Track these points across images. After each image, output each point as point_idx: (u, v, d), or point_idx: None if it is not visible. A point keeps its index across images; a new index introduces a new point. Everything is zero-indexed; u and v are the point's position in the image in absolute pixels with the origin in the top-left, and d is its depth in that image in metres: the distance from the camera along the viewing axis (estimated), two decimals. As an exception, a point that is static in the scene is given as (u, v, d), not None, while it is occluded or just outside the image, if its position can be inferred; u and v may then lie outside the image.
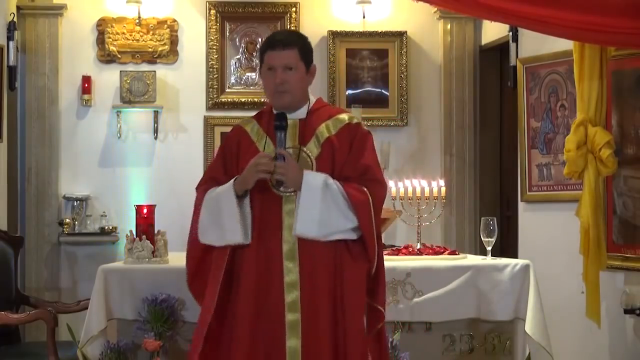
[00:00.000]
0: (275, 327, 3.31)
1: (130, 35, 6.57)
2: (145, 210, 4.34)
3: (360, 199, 3.34)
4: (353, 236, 3.38)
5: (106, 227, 6.40)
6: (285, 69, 3.40)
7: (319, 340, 3.31)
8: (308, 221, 3.30)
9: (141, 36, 6.58)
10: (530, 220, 5.82)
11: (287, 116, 3.41)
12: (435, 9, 6.51)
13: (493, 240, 4.53)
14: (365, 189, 3.37)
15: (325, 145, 3.42)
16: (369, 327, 3.46)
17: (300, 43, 3.46)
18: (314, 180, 3.32)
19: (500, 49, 6.55)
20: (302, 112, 3.48)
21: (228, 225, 3.37)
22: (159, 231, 4.34)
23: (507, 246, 6.27)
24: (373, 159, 3.47)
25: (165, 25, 6.61)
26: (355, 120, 3.52)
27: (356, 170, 3.40)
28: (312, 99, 3.55)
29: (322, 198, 3.30)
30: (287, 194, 3.37)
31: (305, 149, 3.42)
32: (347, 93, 6.69)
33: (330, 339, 3.32)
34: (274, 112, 3.47)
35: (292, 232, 3.33)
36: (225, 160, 3.56)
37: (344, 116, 3.51)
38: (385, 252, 4.52)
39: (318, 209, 3.29)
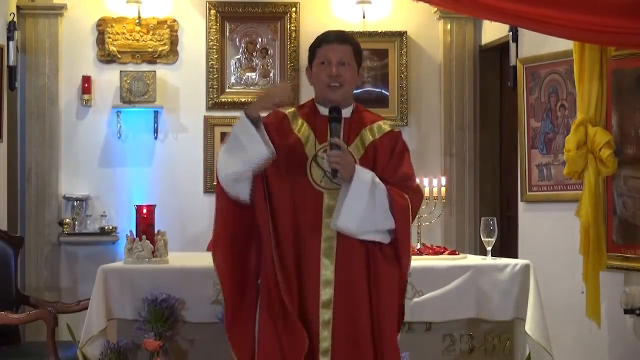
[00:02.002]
0: (310, 324, 3.31)
1: (130, 35, 6.57)
2: (145, 210, 4.33)
3: (402, 203, 3.37)
4: (386, 239, 3.39)
5: (106, 227, 6.40)
6: (340, 64, 3.41)
7: (351, 339, 3.31)
8: (352, 215, 3.29)
9: (141, 36, 6.58)
10: (530, 220, 5.82)
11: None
12: (435, 9, 6.51)
13: (493, 240, 4.53)
14: (406, 196, 3.40)
15: (368, 148, 3.44)
16: (398, 326, 3.51)
17: (354, 43, 3.48)
18: (365, 175, 3.33)
19: (500, 49, 6.55)
20: (347, 112, 3.47)
21: (249, 146, 3.31)
22: (159, 231, 4.34)
23: (507, 246, 6.26)
24: (412, 169, 3.53)
25: (165, 25, 6.61)
26: (397, 129, 3.57)
27: (395, 176, 3.43)
28: (353, 103, 3.56)
29: (369, 194, 3.30)
30: (331, 190, 3.35)
31: (349, 149, 3.42)
32: (347, 93, 6.68)
33: (365, 339, 3.33)
34: (323, 107, 3.43)
35: (331, 227, 3.31)
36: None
37: (385, 124, 3.55)
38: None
39: (364, 205, 3.29)
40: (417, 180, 3.66)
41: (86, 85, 6.47)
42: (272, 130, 3.41)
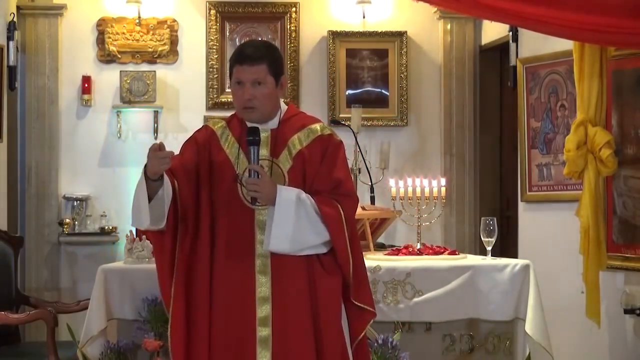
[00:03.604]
0: (247, 342, 3.28)
1: (130, 35, 6.57)
2: (145, 210, 4.32)
3: (331, 214, 3.30)
4: (323, 250, 3.34)
5: (106, 227, 6.40)
6: (254, 84, 3.33)
7: (291, 355, 3.28)
8: (281, 237, 3.25)
9: (141, 36, 6.58)
10: (530, 220, 5.82)
11: (259, 127, 3.34)
12: (435, 9, 6.51)
13: (493, 240, 4.52)
14: (337, 203, 3.33)
15: (297, 158, 3.36)
16: (358, 329, 3.45)
17: (269, 56, 3.36)
18: (288, 195, 3.26)
19: (500, 49, 6.55)
20: (274, 122, 3.41)
21: (143, 207, 3.34)
22: (159, 231, 4.33)
23: (507, 246, 6.27)
24: (344, 172, 3.42)
25: (165, 25, 6.61)
26: (327, 131, 3.45)
27: (328, 184, 3.35)
28: (284, 107, 3.48)
29: (295, 213, 3.25)
30: (260, 208, 3.32)
31: (277, 162, 3.36)
32: (347, 93, 6.69)
33: (305, 353, 3.29)
34: (247, 124, 3.39)
35: (263, 250, 3.29)
36: (192, 153, 3.46)
37: (316, 126, 3.44)
38: (385, 252, 4.56)
39: (291, 225, 3.24)
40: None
41: (86, 85, 6.47)
42: (201, 147, 3.43)
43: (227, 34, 6.69)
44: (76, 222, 6.40)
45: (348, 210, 3.37)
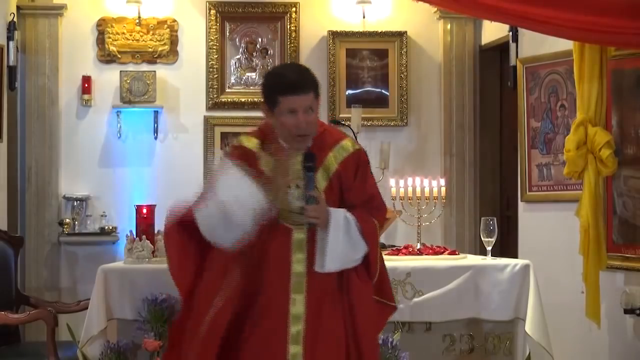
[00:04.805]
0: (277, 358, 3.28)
1: (130, 35, 6.57)
2: (145, 210, 4.34)
3: (370, 230, 3.39)
4: (359, 262, 3.40)
5: (106, 227, 6.40)
6: (307, 110, 3.35)
7: None
8: (334, 258, 3.31)
9: (141, 36, 6.58)
10: (530, 220, 5.82)
11: (297, 153, 3.36)
12: (435, 9, 6.51)
13: (493, 240, 4.53)
14: (372, 218, 3.42)
15: (333, 176, 3.41)
16: (379, 324, 3.54)
17: (314, 82, 3.40)
18: (338, 218, 3.33)
19: (500, 49, 6.55)
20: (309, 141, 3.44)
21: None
22: (158, 231, 4.34)
23: (507, 246, 6.26)
24: (375, 186, 3.52)
25: (165, 25, 6.61)
26: (356, 147, 3.52)
27: (361, 198, 3.43)
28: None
29: (344, 234, 3.32)
30: (299, 225, 3.33)
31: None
32: (347, 93, 6.69)
33: None
34: (290, 147, 3.38)
35: (304, 265, 3.31)
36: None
37: (347, 143, 3.48)
38: (385, 252, 4.55)
39: (342, 246, 3.31)
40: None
41: (86, 85, 6.47)
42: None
43: (227, 34, 6.69)
44: (76, 222, 6.40)
45: (381, 222, 3.50)
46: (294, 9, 6.69)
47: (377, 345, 3.50)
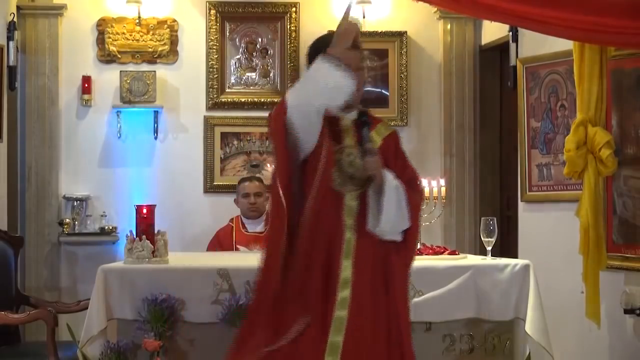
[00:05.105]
0: (324, 322, 3.30)
1: (130, 35, 6.57)
2: (145, 210, 4.33)
3: (415, 203, 3.45)
4: (400, 238, 3.44)
5: (106, 227, 6.40)
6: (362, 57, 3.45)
7: (366, 340, 3.32)
8: (388, 217, 3.35)
9: (141, 36, 6.58)
10: (530, 220, 5.82)
11: (346, 116, 3.42)
12: (435, 9, 6.51)
13: (493, 240, 4.53)
14: (416, 195, 3.48)
15: (379, 150, 3.46)
16: None
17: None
18: (391, 179, 3.39)
19: (500, 49, 6.55)
20: (353, 115, 3.50)
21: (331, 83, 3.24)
22: (159, 231, 4.34)
23: (507, 246, 6.27)
24: (413, 168, 3.59)
25: (165, 25, 6.61)
26: (393, 128, 3.62)
27: (402, 177, 3.46)
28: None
29: (396, 198, 3.37)
30: (351, 191, 3.38)
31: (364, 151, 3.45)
32: (346, 93, 6.67)
33: (380, 340, 3.34)
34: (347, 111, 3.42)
35: (354, 232, 3.33)
36: None
37: (385, 124, 3.58)
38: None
39: (394, 209, 3.36)
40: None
41: (86, 85, 6.47)
42: None
43: (227, 34, 6.69)
44: (76, 222, 6.40)
45: (421, 202, 3.58)
46: (294, 9, 6.69)
47: (408, 319, 3.51)
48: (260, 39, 6.71)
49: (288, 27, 6.68)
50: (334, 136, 3.40)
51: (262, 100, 6.64)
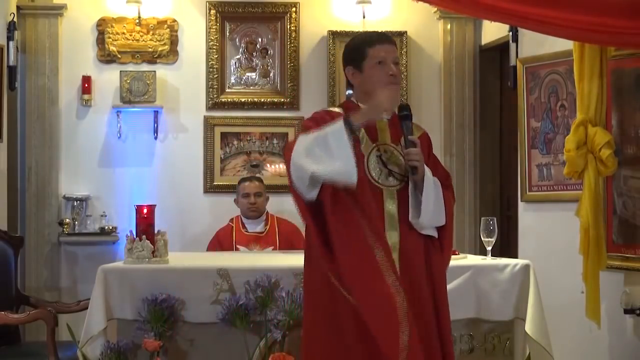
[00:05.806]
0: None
1: (130, 35, 6.57)
2: (145, 210, 4.33)
3: (450, 200, 3.47)
4: (436, 234, 3.44)
5: (106, 227, 6.40)
6: (395, 62, 3.43)
7: (419, 336, 3.29)
8: (428, 210, 3.34)
9: (141, 36, 6.58)
10: (530, 220, 5.82)
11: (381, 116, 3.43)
12: (435, 9, 6.51)
13: (493, 240, 4.53)
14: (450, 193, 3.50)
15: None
16: None
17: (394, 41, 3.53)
18: (429, 172, 3.40)
19: (500, 49, 6.55)
20: (389, 114, 3.50)
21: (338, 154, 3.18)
22: (159, 231, 4.34)
23: (507, 246, 6.27)
24: (445, 168, 3.61)
25: (165, 25, 6.61)
26: (424, 130, 3.63)
27: (438, 176, 3.47)
28: None
29: (435, 191, 3.38)
30: (389, 186, 3.37)
31: (398, 149, 3.46)
32: (347, 93, 6.65)
33: (431, 336, 3.32)
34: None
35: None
36: None
37: (416, 125, 3.58)
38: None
39: (432, 201, 3.36)
40: None
41: (86, 85, 6.47)
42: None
43: (227, 34, 6.69)
44: (76, 222, 6.40)
45: (454, 202, 3.55)
46: (294, 9, 6.69)
47: (449, 321, 3.48)
48: (260, 39, 6.71)
49: (288, 27, 6.68)
50: (370, 134, 3.41)
51: (262, 100, 6.64)
